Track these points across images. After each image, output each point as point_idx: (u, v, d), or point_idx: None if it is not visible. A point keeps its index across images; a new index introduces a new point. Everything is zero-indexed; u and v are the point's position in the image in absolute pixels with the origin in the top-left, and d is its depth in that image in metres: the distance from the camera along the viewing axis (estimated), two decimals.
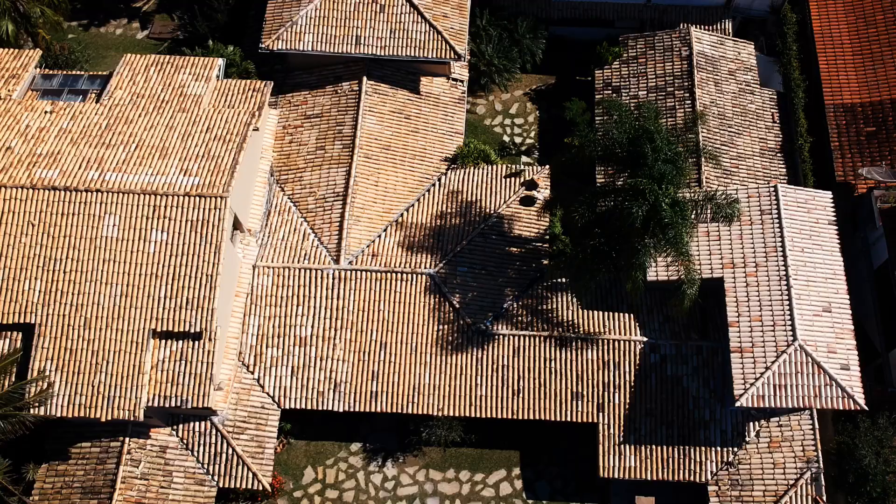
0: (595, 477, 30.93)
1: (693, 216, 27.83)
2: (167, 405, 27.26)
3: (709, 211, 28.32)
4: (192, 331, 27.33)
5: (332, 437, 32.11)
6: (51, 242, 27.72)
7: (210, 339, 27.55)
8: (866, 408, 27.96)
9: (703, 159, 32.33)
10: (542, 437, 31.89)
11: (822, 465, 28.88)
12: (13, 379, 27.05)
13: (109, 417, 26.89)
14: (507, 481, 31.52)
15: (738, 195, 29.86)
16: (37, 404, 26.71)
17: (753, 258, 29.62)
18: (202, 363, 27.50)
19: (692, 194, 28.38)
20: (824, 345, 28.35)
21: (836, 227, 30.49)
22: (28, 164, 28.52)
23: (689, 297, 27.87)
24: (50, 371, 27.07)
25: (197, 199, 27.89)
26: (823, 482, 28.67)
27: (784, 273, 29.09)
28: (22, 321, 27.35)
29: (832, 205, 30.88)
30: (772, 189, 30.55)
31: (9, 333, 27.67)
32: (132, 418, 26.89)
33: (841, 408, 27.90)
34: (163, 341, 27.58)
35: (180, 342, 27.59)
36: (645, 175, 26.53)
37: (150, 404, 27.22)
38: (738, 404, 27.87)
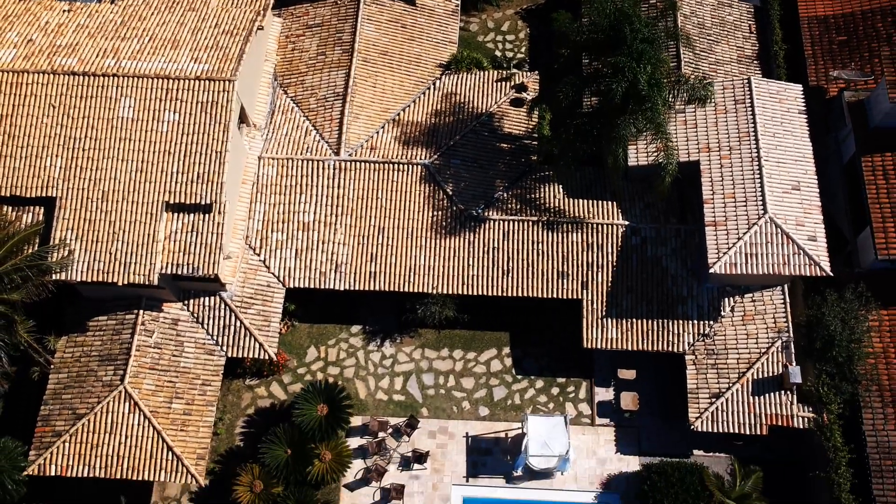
0: (580, 355, 33.01)
1: (670, 96, 29.77)
2: (180, 272, 29.22)
3: (685, 94, 30.27)
4: (203, 203, 29.32)
5: (333, 321, 34.09)
6: (70, 123, 29.75)
7: (219, 212, 29.52)
8: (831, 274, 29.94)
9: (681, 59, 34.27)
10: (531, 320, 33.84)
11: (792, 335, 30.86)
12: (36, 248, 29.00)
13: (126, 282, 28.87)
14: (498, 359, 33.51)
15: (712, 81, 31.73)
16: (58, 269, 28.69)
17: (728, 142, 31.61)
18: (212, 234, 29.49)
19: (669, 78, 30.31)
20: (793, 218, 30.35)
21: (805, 116, 32.47)
22: (48, 54, 30.54)
23: (669, 174, 29.83)
24: (70, 240, 29.07)
25: (207, 82, 29.88)
26: (793, 350, 30.64)
27: (756, 155, 31.07)
28: (44, 195, 29.44)
29: (802, 96, 32.86)
30: (745, 81, 32.55)
31: (32, 207, 29.71)
32: (147, 283, 28.87)
33: (808, 274, 29.88)
34: (175, 214, 29.57)
35: (192, 214, 29.57)
36: (624, 54, 28.48)
37: (163, 271, 29.19)
38: (711, 271, 29.85)
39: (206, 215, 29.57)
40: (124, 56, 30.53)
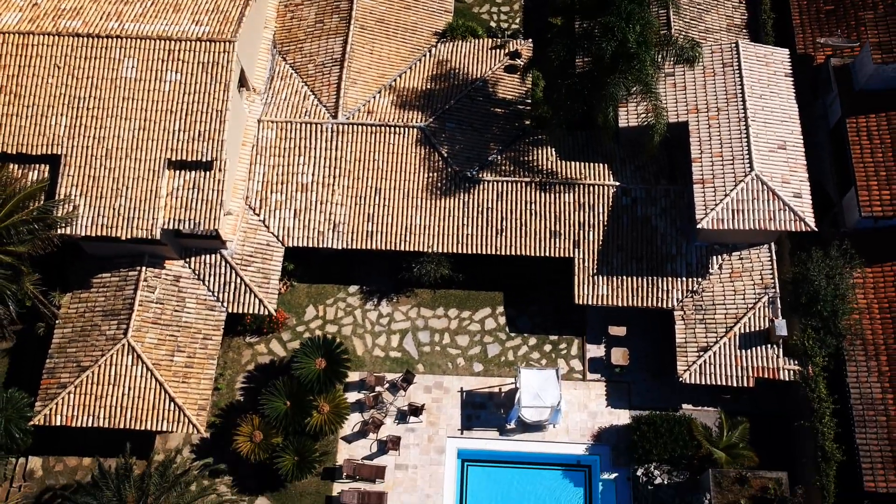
0: (572, 313, 33.84)
1: (658, 56, 30.56)
2: (181, 228, 30.01)
3: (673, 55, 31.03)
4: (204, 160, 30.10)
5: (331, 281, 34.90)
6: (75, 83, 30.52)
7: (220, 169, 30.30)
8: (815, 229, 30.74)
9: (671, 27, 35.06)
10: (524, 280, 34.64)
11: (778, 291, 31.65)
12: (41, 203, 29.78)
13: (129, 236, 29.66)
14: (492, 318, 34.31)
15: (699, 43, 32.47)
16: (63, 224, 29.48)
17: (716, 104, 32.41)
18: (213, 191, 30.26)
19: (658, 39, 31.10)
20: (779, 176, 31.14)
21: (792, 79, 33.26)
22: (53, 17, 31.30)
23: (657, 133, 30.63)
24: (75, 196, 29.87)
25: (208, 43, 30.62)
26: (779, 305, 31.44)
27: (743, 115, 31.86)
28: (49, 153, 30.19)
29: (788, 60, 33.65)
30: (733, 45, 33.35)
31: (37, 165, 30.49)
32: (149, 237, 29.66)
33: (793, 230, 30.66)
34: (177, 171, 30.34)
35: (193, 172, 30.35)
36: (613, 14, 29.26)
37: (165, 227, 29.98)
38: (699, 226, 30.63)
39: (207, 172, 30.33)
40: (127, 18, 31.30)
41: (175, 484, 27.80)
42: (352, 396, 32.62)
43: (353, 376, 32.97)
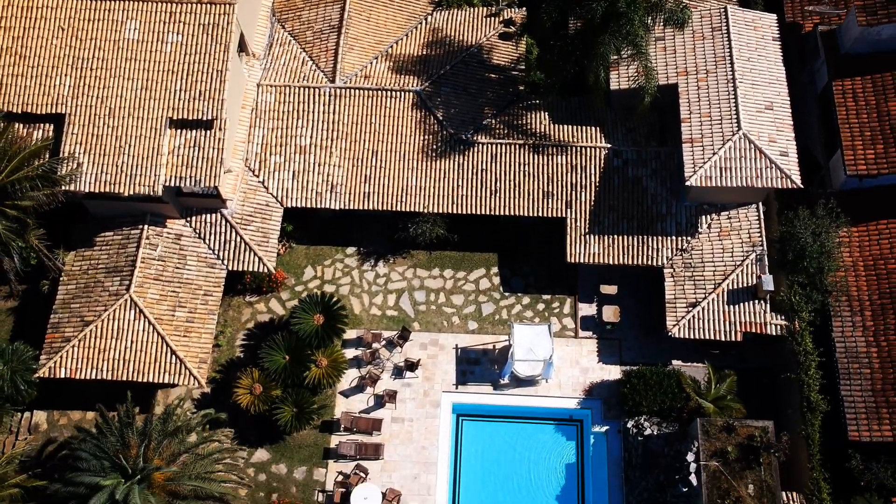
0: (565, 273, 34.58)
1: (648, 18, 31.28)
2: (183, 185, 30.78)
3: (662, 18, 31.76)
4: (205, 119, 30.83)
5: (329, 243, 35.66)
6: (79, 44, 31.29)
7: (220, 128, 31.04)
8: (801, 186, 31.50)
9: None
10: (518, 242, 35.40)
11: (765, 248, 32.41)
12: (46, 160, 30.51)
13: (132, 192, 30.41)
14: (486, 278, 35.07)
15: (688, 5, 33.23)
16: (68, 181, 30.22)
17: (704, 66, 33.15)
18: (213, 149, 31.01)
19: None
20: (766, 135, 31.88)
21: (779, 43, 34.00)
22: None
23: (649, 94, 31.38)
24: (79, 153, 30.60)
25: (208, 5, 31.38)
26: (766, 262, 32.19)
27: (731, 77, 32.60)
28: (54, 112, 30.95)
29: (776, 24, 34.39)
30: (722, 9, 34.10)
31: (42, 124, 31.23)
32: (151, 193, 30.41)
33: (779, 187, 31.42)
34: (178, 130, 31.09)
35: (194, 130, 31.10)
36: None
37: (167, 184, 30.73)
38: (688, 183, 31.39)
39: (208, 131, 31.07)
40: None
41: (177, 432, 28.52)
42: (349, 353, 33.35)
43: (351, 334, 33.72)
